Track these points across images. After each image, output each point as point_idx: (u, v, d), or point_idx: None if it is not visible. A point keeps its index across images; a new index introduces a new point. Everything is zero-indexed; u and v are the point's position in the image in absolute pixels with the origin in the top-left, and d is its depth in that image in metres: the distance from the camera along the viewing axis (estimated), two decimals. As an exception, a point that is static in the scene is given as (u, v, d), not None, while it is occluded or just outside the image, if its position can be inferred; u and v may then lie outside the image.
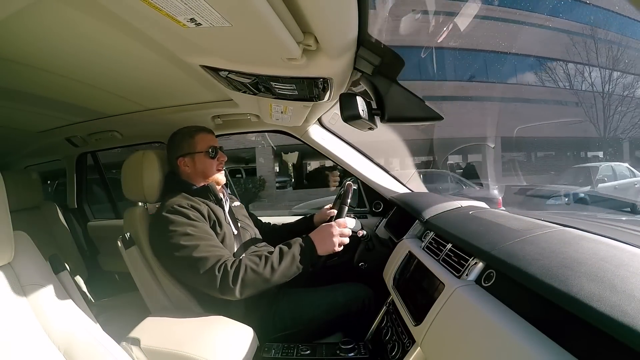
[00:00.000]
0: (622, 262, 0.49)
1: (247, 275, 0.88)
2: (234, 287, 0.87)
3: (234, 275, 0.87)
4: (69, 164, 1.92)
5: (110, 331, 0.75)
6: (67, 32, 0.67)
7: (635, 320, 0.37)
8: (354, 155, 1.52)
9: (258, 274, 0.89)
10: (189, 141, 1.10)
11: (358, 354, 0.98)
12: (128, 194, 1.12)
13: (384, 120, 0.87)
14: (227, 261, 0.90)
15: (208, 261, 0.89)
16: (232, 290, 0.87)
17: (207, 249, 0.92)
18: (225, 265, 0.89)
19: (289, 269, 0.92)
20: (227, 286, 0.87)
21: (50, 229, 1.72)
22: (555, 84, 12.22)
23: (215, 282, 0.87)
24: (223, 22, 0.54)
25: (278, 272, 0.91)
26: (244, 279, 0.88)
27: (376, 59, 0.81)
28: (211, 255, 0.90)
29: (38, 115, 1.28)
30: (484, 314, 0.55)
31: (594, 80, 11.86)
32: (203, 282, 0.90)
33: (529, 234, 0.68)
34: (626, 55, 11.64)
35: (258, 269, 0.89)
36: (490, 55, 11.45)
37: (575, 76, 12.10)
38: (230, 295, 0.88)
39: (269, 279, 0.90)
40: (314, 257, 0.96)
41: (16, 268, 0.69)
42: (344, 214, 1.04)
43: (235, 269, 0.88)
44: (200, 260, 0.89)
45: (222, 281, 0.87)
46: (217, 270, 0.88)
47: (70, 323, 0.70)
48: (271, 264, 0.91)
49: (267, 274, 0.90)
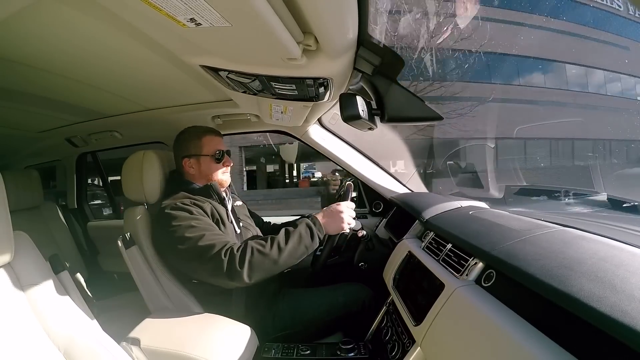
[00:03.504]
0: (622, 262, 0.49)
1: (254, 257, 0.86)
2: (241, 269, 0.84)
3: (240, 258, 0.85)
4: (69, 164, 1.92)
5: (110, 331, 0.75)
6: (67, 32, 0.67)
7: (635, 320, 0.37)
8: (354, 155, 1.52)
9: (265, 255, 0.87)
10: (196, 142, 1.09)
11: (358, 354, 0.97)
12: (128, 194, 1.12)
13: (384, 120, 0.87)
14: (233, 246, 0.88)
15: (214, 247, 0.87)
16: (240, 274, 0.84)
17: (212, 237, 0.90)
18: (231, 249, 0.87)
19: (297, 249, 0.90)
20: (235, 269, 0.84)
21: (50, 229, 1.71)
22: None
23: (222, 267, 0.84)
24: (223, 22, 0.54)
25: (285, 252, 0.88)
26: (252, 261, 0.85)
27: (376, 59, 0.81)
28: (217, 242, 0.89)
29: (38, 115, 1.28)
30: (483, 314, 0.55)
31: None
32: (210, 269, 0.87)
33: (529, 234, 0.68)
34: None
35: (265, 250, 0.87)
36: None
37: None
38: (238, 279, 0.84)
39: (277, 260, 0.87)
40: (322, 235, 0.94)
41: (16, 268, 0.69)
42: (350, 196, 1.04)
43: (241, 251, 0.86)
44: (206, 247, 0.87)
45: (229, 265, 0.84)
46: (224, 255, 0.86)
47: (70, 323, 0.70)
48: (278, 244, 0.89)
49: (274, 254, 0.87)
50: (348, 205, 1.00)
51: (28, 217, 1.63)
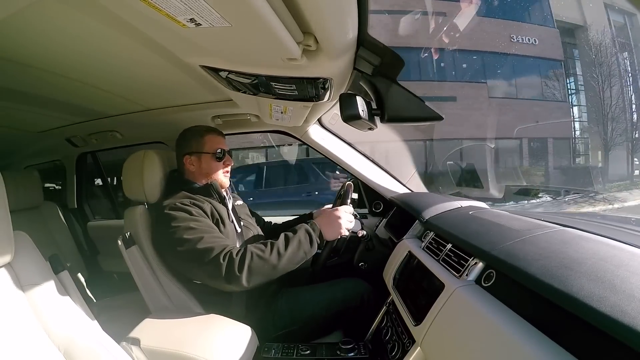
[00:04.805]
0: (622, 262, 0.49)
1: (253, 262, 0.86)
2: (240, 274, 0.84)
3: (239, 263, 0.85)
4: (69, 164, 1.92)
5: (110, 331, 0.75)
6: (67, 32, 0.67)
7: (635, 320, 0.37)
8: (354, 156, 1.52)
9: (264, 260, 0.87)
10: (198, 140, 1.09)
11: (358, 354, 0.97)
12: (129, 194, 1.12)
13: (384, 120, 0.87)
14: (232, 250, 0.88)
15: (213, 250, 0.87)
16: (239, 279, 0.84)
17: (211, 240, 0.90)
18: (230, 253, 0.87)
19: (296, 255, 0.90)
20: (233, 274, 0.84)
21: (50, 229, 1.72)
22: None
23: (221, 271, 0.85)
24: (223, 23, 0.54)
25: (285, 257, 0.88)
26: (250, 266, 0.85)
27: (376, 59, 0.81)
28: (216, 245, 0.89)
29: (38, 115, 1.28)
30: (483, 314, 0.55)
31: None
32: (208, 273, 0.87)
33: (529, 234, 0.68)
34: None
35: (264, 255, 0.87)
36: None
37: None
38: (236, 284, 0.85)
39: (276, 265, 0.87)
40: (320, 241, 0.95)
41: (16, 268, 0.69)
42: (350, 197, 1.04)
43: (240, 256, 0.86)
44: (204, 250, 0.87)
45: (227, 269, 0.85)
46: (222, 259, 0.86)
47: (70, 323, 0.70)
48: (277, 250, 0.89)
49: (273, 260, 0.87)
50: (346, 210, 1.01)
51: (28, 217, 1.64)
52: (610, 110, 10.52)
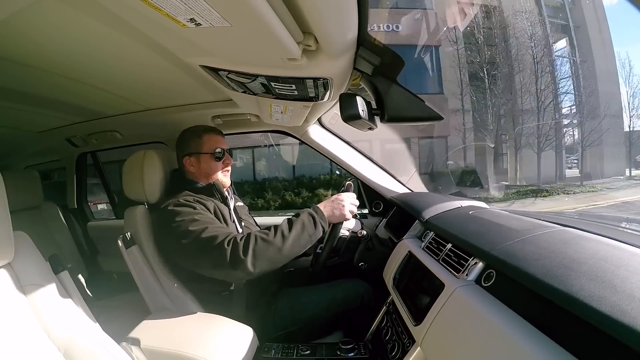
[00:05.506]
0: (622, 262, 0.49)
1: (257, 245, 0.85)
2: (245, 258, 0.83)
3: (244, 246, 0.84)
4: (69, 164, 1.92)
5: (110, 331, 0.75)
6: (67, 32, 0.67)
7: (635, 320, 0.37)
8: (354, 155, 1.52)
9: (269, 243, 0.86)
10: (196, 140, 1.09)
11: (358, 354, 0.97)
12: (129, 194, 1.12)
13: (384, 120, 0.87)
14: (236, 235, 0.88)
15: (217, 238, 0.87)
16: (244, 263, 0.83)
17: (215, 229, 0.90)
18: (234, 238, 0.87)
19: (300, 237, 0.89)
20: (238, 258, 0.83)
21: (50, 229, 1.71)
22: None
23: (226, 256, 0.84)
24: (223, 22, 0.54)
25: (289, 239, 0.87)
26: (255, 249, 0.84)
27: (376, 59, 0.81)
28: (220, 233, 0.88)
29: (38, 115, 1.28)
30: (483, 313, 0.55)
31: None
32: (214, 260, 0.86)
33: (529, 234, 0.68)
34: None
35: (268, 238, 0.87)
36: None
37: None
38: (242, 269, 0.83)
39: (281, 248, 0.86)
40: (324, 224, 0.94)
41: (16, 268, 0.69)
42: (351, 190, 1.04)
43: (245, 240, 0.86)
44: (209, 239, 0.87)
45: (232, 253, 0.84)
46: (227, 244, 0.85)
47: (70, 323, 0.70)
48: (281, 232, 0.88)
49: (278, 242, 0.87)
50: (348, 195, 1.01)
51: (28, 217, 1.63)
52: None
